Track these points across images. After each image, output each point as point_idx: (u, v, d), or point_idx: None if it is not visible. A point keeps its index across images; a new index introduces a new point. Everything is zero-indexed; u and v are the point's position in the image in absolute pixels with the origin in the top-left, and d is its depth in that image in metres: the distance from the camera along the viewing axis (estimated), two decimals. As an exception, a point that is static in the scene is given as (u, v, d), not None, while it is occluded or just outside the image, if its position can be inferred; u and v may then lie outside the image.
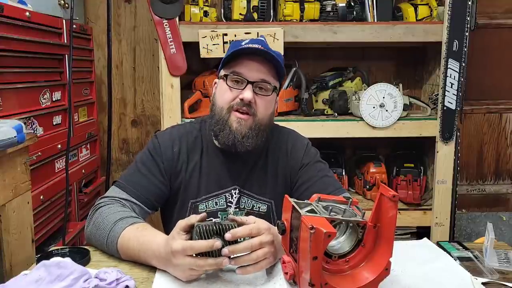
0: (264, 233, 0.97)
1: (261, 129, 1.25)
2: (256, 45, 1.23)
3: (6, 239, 1.27)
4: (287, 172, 1.34)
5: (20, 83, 1.66)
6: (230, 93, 1.23)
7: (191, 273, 0.95)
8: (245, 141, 1.22)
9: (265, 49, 1.22)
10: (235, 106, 1.22)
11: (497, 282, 1.02)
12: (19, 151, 1.33)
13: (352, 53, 2.53)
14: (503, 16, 2.63)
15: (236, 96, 1.22)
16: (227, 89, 1.24)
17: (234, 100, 1.22)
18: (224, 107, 1.24)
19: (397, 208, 0.88)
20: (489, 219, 2.70)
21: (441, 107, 2.14)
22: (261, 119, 1.24)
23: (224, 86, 1.24)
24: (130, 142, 2.67)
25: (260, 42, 1.27)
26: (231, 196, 1.30)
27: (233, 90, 1.23)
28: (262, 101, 1.23)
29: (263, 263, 0.97)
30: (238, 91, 1.22)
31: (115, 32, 2.56)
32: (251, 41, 1.27)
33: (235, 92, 1.23)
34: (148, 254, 1.02)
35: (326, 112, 2.28)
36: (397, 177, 2.31)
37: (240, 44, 1.25)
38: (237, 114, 1.22)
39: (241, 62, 1.23)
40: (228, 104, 1.23)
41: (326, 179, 1.31)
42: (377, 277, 0.91)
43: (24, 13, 1.65)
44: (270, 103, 1.27)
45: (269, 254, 0.97)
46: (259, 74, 1.22)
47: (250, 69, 1.22)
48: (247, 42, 1.26)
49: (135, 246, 1.05)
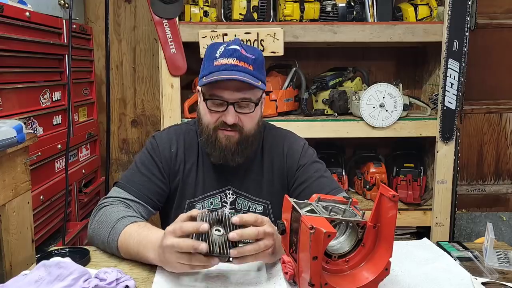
0: (267, 224, 0.97)
1: (250, 140, 1.25)
2: (231, 59, 1.18)
3: (6, 239, 1.27)
4: (283, 173, 1.34)
5: (20, 83, 1.66)
6: (212, 115, 1.22)
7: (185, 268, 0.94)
8: (236, 157, 1.24)
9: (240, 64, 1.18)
10: (220, 126, 1.22)
11: (497, 282, 1.02)
12: (19, 151, 1.33)
13: (352, 53, 2.53)
14: (503, 16, 2.63)
15: (219, 117, 1.22)
16: (209, 112, 1.23)
17: (218, 121, 1.22)
18: (210, 127, 1.24)
19: (397, 208, 0.88)
20: (489, 219, 2.70)
21: (441, 107, 2.14)
22: (248, 132, 1.24)
23: (206, 108, 1.23)
24: (130, 142, 2.67)
25: (234, 53, 1.20)
26: (225, 196, 1.32)
27: (215, 113, 1.22)
28: (246, 117, 1.23)
29: (263, 255, 0.97)
30: (220, 113, 1.21)
31: (115, 32, 2.56)
32: (225, 52, 1.21)
33: (217, 114, 1.22)
34: (148, 248, 1.02)
35: (326, 112, 2.28)
36: (397, 177, 2.31)
37: (214, 57, 1.21)
38: (224, 132, 1.23)
39: (219, 83, 1.18)
40: (213, 125, 1.23)
41: (322, 179, 1.31)
42: (377, 277, 0.91)
43: (24, 13, 1.65)
44: (255, 117, 1.25)
45: (270, 246, 0.97)
46: (238, 94, 1.19)
47: (228, 91, 1.19)
48: (221, 52, 1.21)
49: (135, 242, 1.05)
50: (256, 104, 1.23)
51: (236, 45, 1.22)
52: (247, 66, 1.19)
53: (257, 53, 1.24)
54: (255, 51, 1.25)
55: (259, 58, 1.24)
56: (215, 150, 1.24)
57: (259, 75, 1.22)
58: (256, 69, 1.21)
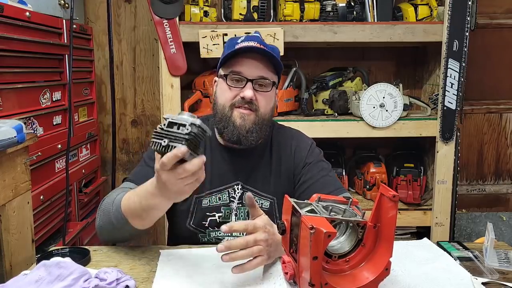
0: (259, 231, 0.98)
1: (264, 123, 1.28)
2: (252, 42, 1.25)
3: (6, 239, 1.27)
4: (290, 170, 1.35)
5: (20, 83, 1.66)
6: (230, 92, 1.26)
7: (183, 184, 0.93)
8: (249, 136, 1.25)
9: (261, 46, 1.24)
10: (237, 103, 1.25)
11: (497, 282, 1.02)
12: (19, 151, 1.33)
13: (352, 53, 2.53)
14: (503, 16, 2.63)
15: (237, 94, 1.25)
16: (227, 88, 1.26)
17: (235, 98, 1.25)
18: (226, 105, 1.26)
19: (397, 208, 0.88)
20: (489, 219, 2.70)
21: (441, 107, 2.14)
22: (263, 114, 1.27)
23: (225, 86, 1.27)
24: (130, 142, 2.67)
25: (256, 38, 1.29)
26: (234, 191, 1.32)
27: (234, 89, 1.25)
28: (262, 97, 1.26)
29: (258, 260, 0.98)
30: (239, 89, 1.25)
31: (115, 32, 2.55)
32: (247, 38, 1.29)
33: (235, 91, 1.25)
34: (146, 194, 1.01)
35: (326, 112, 2.28)
36: (397, 177, 2.31)
37: (236, 42, 1.28)
38: (240, 110, 1.25)
39: (239, 61, 1.25)
40: (230, 102, 1.26)
41: (327, 178, 1.32)
42: (377, 277, 0.91)
43: (24, 13, 1.65)
44: (270, 98, 1.29)
45: (264, 252, 0.98)
46: (257, 71, 1.25)
47: (248, 67, 1.24)
48: (243, 39, 1.29)
49: (135, 198, 1.05)
50: (273, 84, 1.28)
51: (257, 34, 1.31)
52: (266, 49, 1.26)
53: (274, 46, 1.32)
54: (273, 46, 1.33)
55: (276, 50, 1.31)
56: (229, 126, 1.25)
57: (277, 62, 1.27)
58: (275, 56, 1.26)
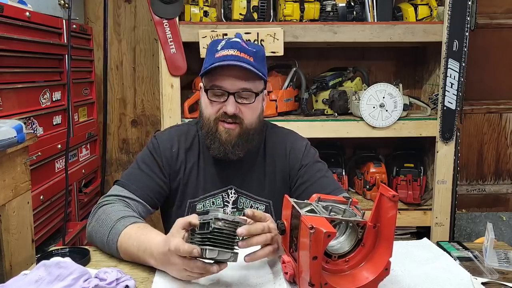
0: (269, 220, 1.00)
1: (251, 133, 1.25)
2: (232, 50, 1.20)
3: (6, 239, 1.27)
4: (286, 172, 1.34)
5: (20, 83, 1.66)
6: (213, 106, 1.23)
7: (186, 273, 0.95)
8: (236, 150, 1.24)
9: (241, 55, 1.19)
10: (221, 117, 1.23)
11: (497, 282, 1.02)
12: (19, 151, 1.33)
13: (352, 53, 2.53)
14: (503, 16, 2.63)
15: (220, 108, 1.22)
16: (209, 103, 1.24)
17: (219, 112, 1.23)
18: (211, 119, 1.24)
19: (397, 208, 0.88)
20: (489, 219, 2.70)
21: (441, 107, 2.14)
22: (249, 125, 1.24)
23: (207, 99, 1.24)
24: (130, 142, 2.67)
25: (235, 45, 1.22)
26: (227, 195, 1.31)
27: (216, 104, 1.23)
28: (247, 109, 1.23)
29: (270, 248, 0.98)
30: (221, 103, 1.22)
31: (115, 32, 2.56)
32: (227, 44, 1.22)
33: (218, 105, 1.22)
34: (147, 253, 1.02)
35: (326, 112, 2.28)
36: (397, 177, 2.31)
37: (215, 50, 1.22)
38: (225, 125, 1.23)
39: (220, 73, 1.20)
40: (214, 116, 1.23)
41: (325, 179, 1.31)
42: (377, 277, 0.91)
43: (24, 13, 1.65)
44: (255, 108, 1.26)
45: (275, 241, 0.99)
46: (239, 83, 1.20)
47: (229, 80, 1.20)
48: (223, 45, 1.22)
49: (134, 245, 1.05)
50: (256, 95, 1.23)
51: (237, 39, 1.24)
52: (247, 57, 1.20)
53: (258, 48, 1.26)
54: (256, 46, 1.27)
55: (260, 52, 1.25)
56: (215, 143, 1.24)
57: (260, 67, 1.22)
58: (257, 61, 1.21)
